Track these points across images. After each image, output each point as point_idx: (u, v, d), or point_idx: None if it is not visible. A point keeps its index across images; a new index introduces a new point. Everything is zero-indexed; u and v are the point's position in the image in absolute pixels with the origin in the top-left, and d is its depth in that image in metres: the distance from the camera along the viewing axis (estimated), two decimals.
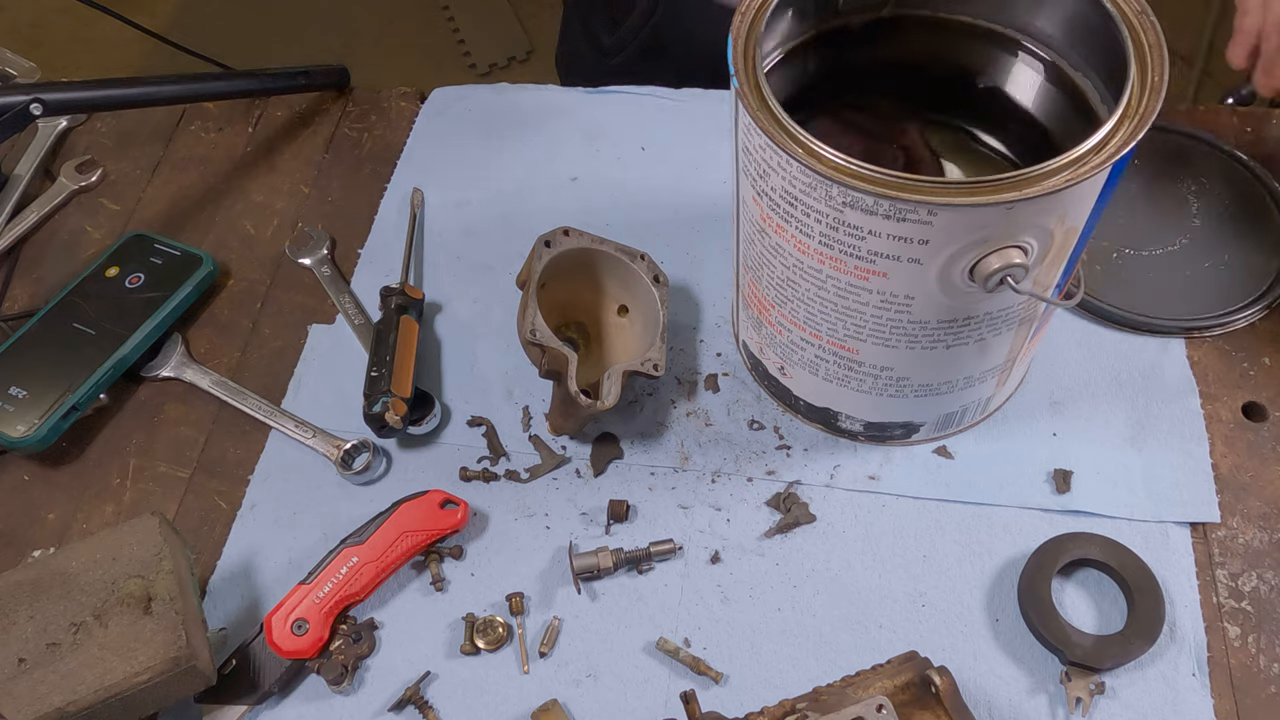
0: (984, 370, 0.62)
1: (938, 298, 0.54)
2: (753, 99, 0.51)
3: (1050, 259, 0.53)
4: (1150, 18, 0.52)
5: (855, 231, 0.51)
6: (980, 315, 0.56)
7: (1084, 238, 0.55)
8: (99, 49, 2.13)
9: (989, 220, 0.49)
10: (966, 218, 0.49)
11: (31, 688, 0.54)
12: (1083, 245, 0.56)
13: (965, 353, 0.59)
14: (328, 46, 2.17)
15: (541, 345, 0.63)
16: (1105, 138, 0.49)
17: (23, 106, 0.73)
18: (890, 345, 0.58)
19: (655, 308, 0.69)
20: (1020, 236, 0.50)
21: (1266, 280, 0.72)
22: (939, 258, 0.51)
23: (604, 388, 0.64)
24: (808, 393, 0.66)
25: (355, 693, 0.61)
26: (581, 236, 0.69)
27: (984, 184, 0.48)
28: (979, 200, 0.48)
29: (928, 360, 0.59)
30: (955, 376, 0.62)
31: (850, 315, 0.57)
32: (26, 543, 0.68)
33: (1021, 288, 0.52)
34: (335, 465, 0.69)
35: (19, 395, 0.70)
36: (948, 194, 0.48)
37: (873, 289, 0.54)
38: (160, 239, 0.79)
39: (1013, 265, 0.51)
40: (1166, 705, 0.57)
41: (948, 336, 0.57)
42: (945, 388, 0.62)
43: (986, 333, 0.58)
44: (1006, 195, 0.48)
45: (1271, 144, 0.80)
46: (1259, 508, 0.64)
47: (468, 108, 0.88)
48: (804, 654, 0.61)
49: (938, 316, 0.56)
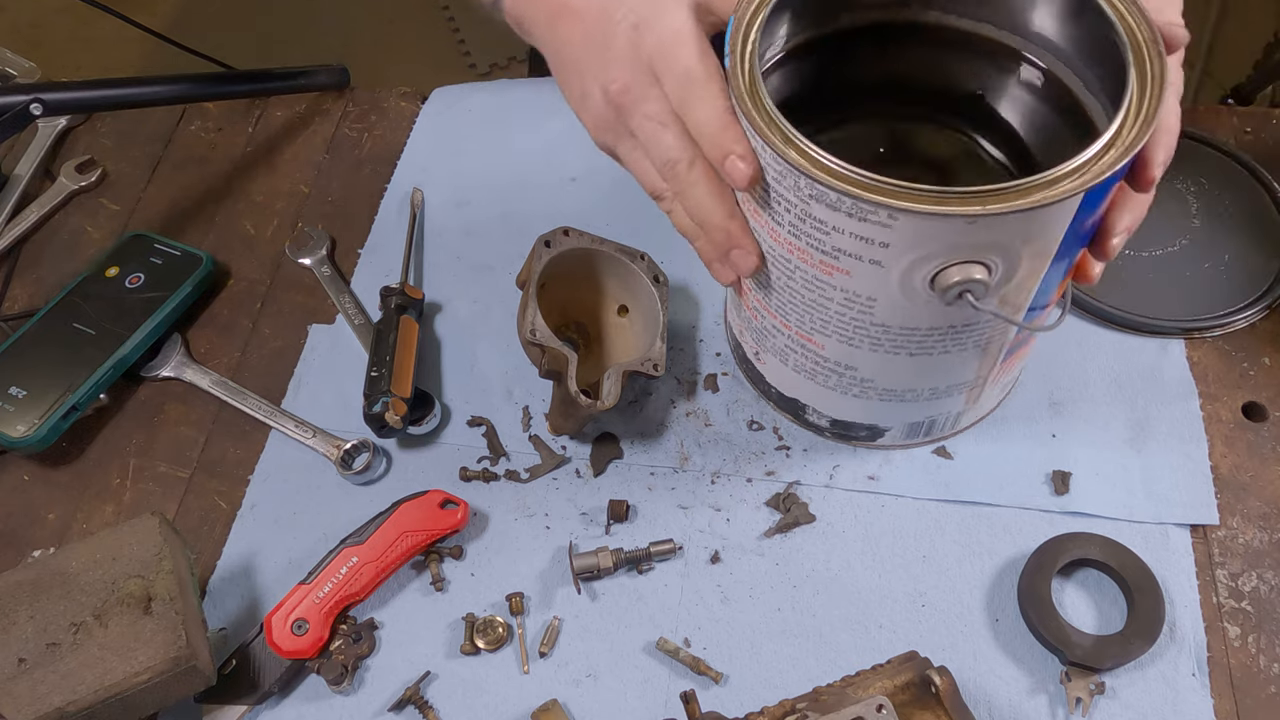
0: (951, 384, 0.60)
1: (900, 303, 0.52)
2: (743, 80, 0.50)
3: (1019, 280, 0.51)
4: (1159, 47, 0.50)
5: (820, 225, 0.50)
6: (944, 327, 0.54)
7: (1061, 264, 0.53)
8: (99, 49, 2.13)
9: (950, 232, 0.48)
10: (927, 226, 0.47)
11: (31, 688, 0.54)
12: (1062, 273, 0.54)
13: (929, 363, 0.58)
14: (328, 46, 2.17)
15: (541, 345, 0.63)
16: (1086, 163, 0.47)
17: (23, 106, 0.73)
18: (854, 345, 0.57)
19: (655, 308, 0.69)
20: (983, 253, 0.49)
21: (1266, 280, 0.72)
22: (900, 262, 0.50)
23: (604, 388, 0.64)
24: (779, 381, 0.65)
25: (355, 693, 0.61)
26: (581, 236, 0.69)
27: (948, 194, 0.46)
28: (940, 210, 0.46)
29: (891, 365, 0.58)
30: (920, 385, 0.60)
31: (816, 309, 0.56)
32: (26, 543, 0.68)
33: (982, 305, 0.50)
34: (335, 465, 0.69)
35: (19, 395, 0.70)
36: (910, 199, 0.47)
37: (836, 285, 0.53)
38: (160, 239, 0.79)
39: (973, 280, 0.49)
40: (1166, 705, 0.57)
41: (910, 344, 0.56)
42: (910, 395, 0.61)
43: (951, 346, 0.56)
44: (969, 208, 0.46)
45: (1271, 144, 0.80)
46: (1259, 508, 0.64)
47: (468, 107, 0.88)
48: (804, 654, 0.61)
49: (900, 322, 0.54)
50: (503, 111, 0.88)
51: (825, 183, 0.47)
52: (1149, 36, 0.51)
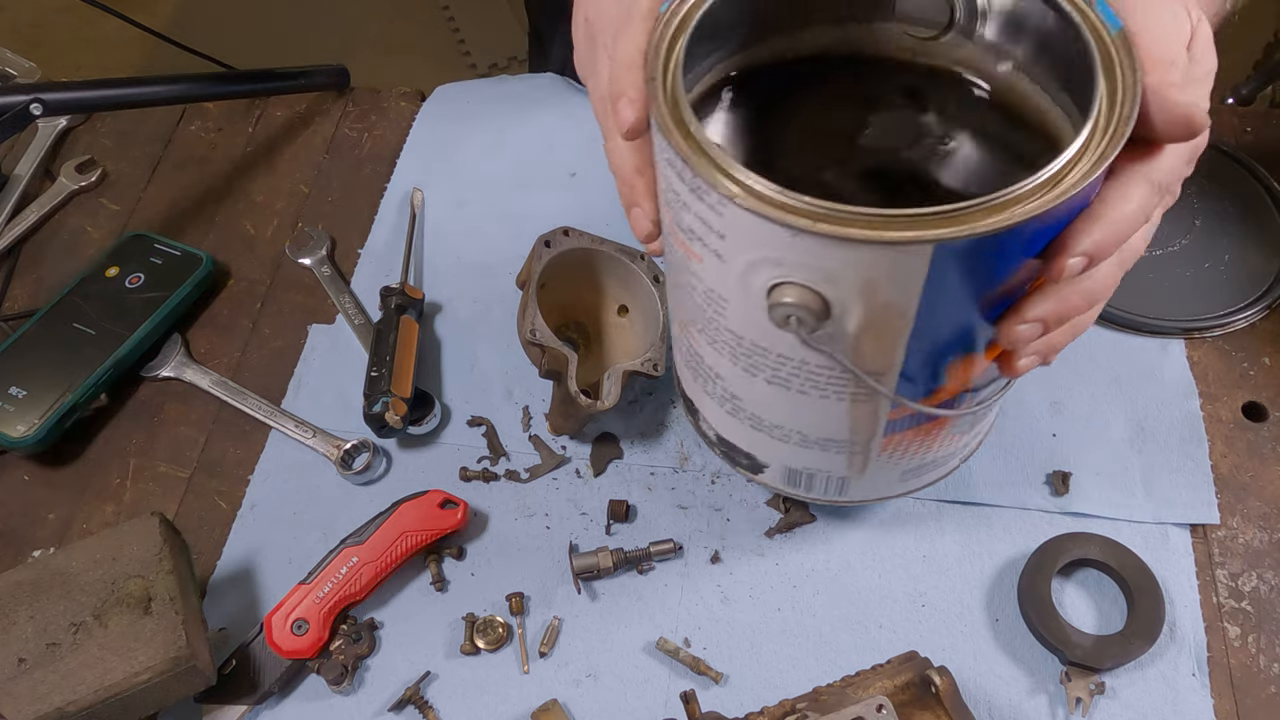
0: (822, 437, 0.53)
1: (747, 311, 0.45)
2: (659, 31, 0.45)
3: (871, 332, 0.43)
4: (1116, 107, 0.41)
5: (677, 197, 0.44)
6: (796, 359, 0.47)
7: (925, 328, 0.43)
8: (99, 49, 2.13)
9: (775, 241, 0.40)
10: (753, 225, 0.40)
11: (31, 688, 0.54)
12: (949, 348, 0.45)
13: (789, 398, 0.50)
14: (328, 46, 2.17)
15: (542, 345, 0.63)
16: (958, 212, 0.38)
17: (23, 106, 0.73)
18: (718, 350, 0.50)
19: (655, 308, 0.69)
20: (817, 280, 0.41)
21: (1266, 280, 0.72)
22: (738, 261, 0.43)
23: (604, 388, 0.64)
24: (681, 379, 0.60)
25: (355, 693, 0.61)
26: (581, 237, 0.69)
27: (779, 198, 0.39)
28: (763, 211, 0.39)
29: (753, 387, 0.51)
30: (786, 424, 0.52)
31: (686, 300, 0.50)
32: (26, 543, 0.68)
33: (813, 341, 0.43)
34: (335, 465, 0.69)
35: (19, 395, 0.71)
36: (735, 186, 0.40)
37: (696, 273, 0.47)
38: (160, 239, 0.79)
39: (804, 308, 0.42)
40: (1166, 705, 0.57)
41: (765, 367, 0.48)
42: (779, 433, 0.53)
43: (809, 386, 0.48)
44: (796, 220, 0.39)
45: (1271, 144, 0.80)
46: (1259, 508, 0.64)
47: (467, 106, 0.88)
48: (804, 654, 0.61)
49: (751, 336, 0.47)
50: (502, 110, 0.88)
51: (671, 142, 0.41)
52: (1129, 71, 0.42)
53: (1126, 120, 0.40)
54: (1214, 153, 0.78)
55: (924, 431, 0.53)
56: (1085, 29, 0.43)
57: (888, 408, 0.50)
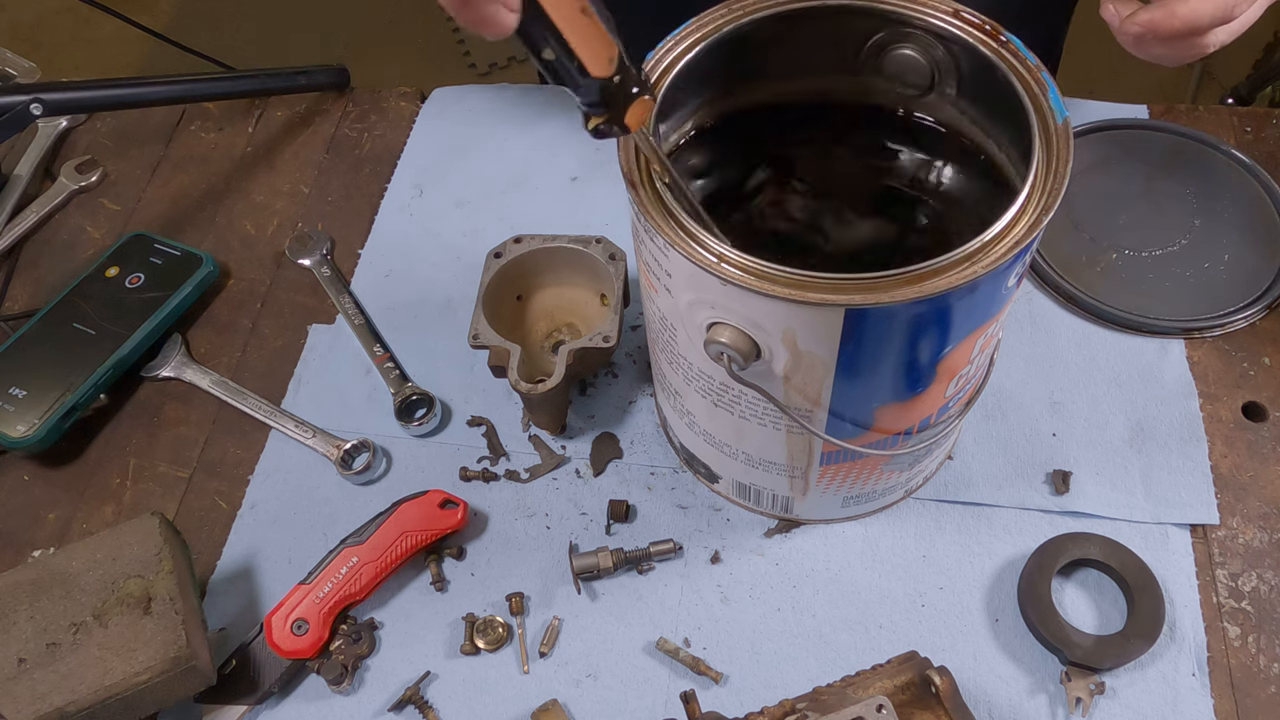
0: (764, 460, 0.57)
1: (690, 340, 0.49)
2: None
3: (798, 374, 0.47)
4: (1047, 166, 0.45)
5: (638, 233, 0.48)
6: (736, 389, 0.51)
7: (847, 376, 0.47)
8: (99, 49, 2.14)
9: (710, 286, 0.44)
10: (691, 271, 0.44)
11: (31, 688, 0.54)
12: (864, 391, 0.49)
13: (733, 423, 0.54)
14: (328, 47, 2.17)
15: (485, 346, 0.64)
16: (843, 282, 0.42)
17: (23, 106, 0.73)
18: (674, 369, 0.55)
19: (615, 285, 0.69)
20: (745, 325, 0.45)
21: (1266, 280, 0.72)
22: (682, 298, 0.47)
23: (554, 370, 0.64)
24: (655, 388, 0.63)
25: (355, 693, 0.61)
26: (532, 240, 0.69)
27: (712, 250, 0.43)
28: (698, 260, 0.43)
29: (703, 407, 0.55)
30: (733, 444, 0.57)
31: (652, 319, 0.54)
32: (26, 543, 0.68)
33: (741, 374, 0.47)
34: (335, 465, 0.69)
35: (19, 395, 0.71)
36: (677, 232, 0.44)
37: (654, 300, 0.51)
38: (160, 239, 0.80)
39: (734, 348, 0.46)
40: (1166, 705, 0.57)
41: (711, 391, 0.53)
42: (728, 450, 0.58)
43: (749, 414, 0.53)
44: (726, 272, 0.43)
45: (1271, 144, 0.80)
46: (1259, 508, 0.64)
47: (468, 107, 0.88)
48: (804, 654, 0.61)
49: (698, 364, 0.51)
50: (503, 111, 0.88)
51: (632, 195, 0.45)
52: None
53: (1048, 210, 0.43)
54: (1214, 152, 0.78)
55: (861, 466, 0.57)
56: (1033, 113, 0.47)
57: (819, 442, 0.53)
